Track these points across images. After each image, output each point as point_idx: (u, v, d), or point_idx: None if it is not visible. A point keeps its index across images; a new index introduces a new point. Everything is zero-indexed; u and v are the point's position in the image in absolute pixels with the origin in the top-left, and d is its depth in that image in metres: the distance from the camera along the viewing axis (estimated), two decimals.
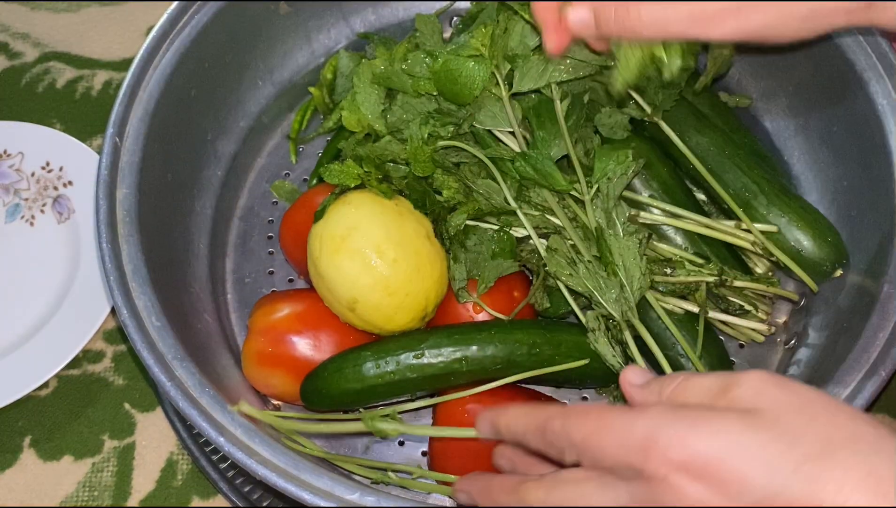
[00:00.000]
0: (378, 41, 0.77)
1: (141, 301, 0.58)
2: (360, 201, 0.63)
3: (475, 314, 0.66)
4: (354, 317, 0.63)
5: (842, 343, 0.60)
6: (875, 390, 0.54)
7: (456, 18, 0.80)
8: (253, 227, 0.77)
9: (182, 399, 0.54)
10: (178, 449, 0.72)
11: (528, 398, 0.63)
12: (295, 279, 0.74)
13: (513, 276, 0.66)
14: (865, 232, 0.65)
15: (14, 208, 0.84)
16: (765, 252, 0.65)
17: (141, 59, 0.67)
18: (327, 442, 0.66)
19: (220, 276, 0.74)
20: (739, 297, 0.65)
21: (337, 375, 0.61)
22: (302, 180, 0.79)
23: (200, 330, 0.66)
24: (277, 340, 0.64)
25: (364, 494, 0.51)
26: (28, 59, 0.94)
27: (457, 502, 0.51)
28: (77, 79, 0.92)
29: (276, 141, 0.81)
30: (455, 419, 0.61)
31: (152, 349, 0.56)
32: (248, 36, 0.75)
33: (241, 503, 0.67)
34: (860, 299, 0.61)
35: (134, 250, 0.59)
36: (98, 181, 0.61)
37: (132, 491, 0.71)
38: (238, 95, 0.76)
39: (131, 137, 0.64)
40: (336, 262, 0.61)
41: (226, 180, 0.76)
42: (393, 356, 0.61)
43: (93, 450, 0.72)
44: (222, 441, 0.52)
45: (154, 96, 0.66)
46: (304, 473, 0.52)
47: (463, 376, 0.61)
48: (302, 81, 0.80)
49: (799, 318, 0.69)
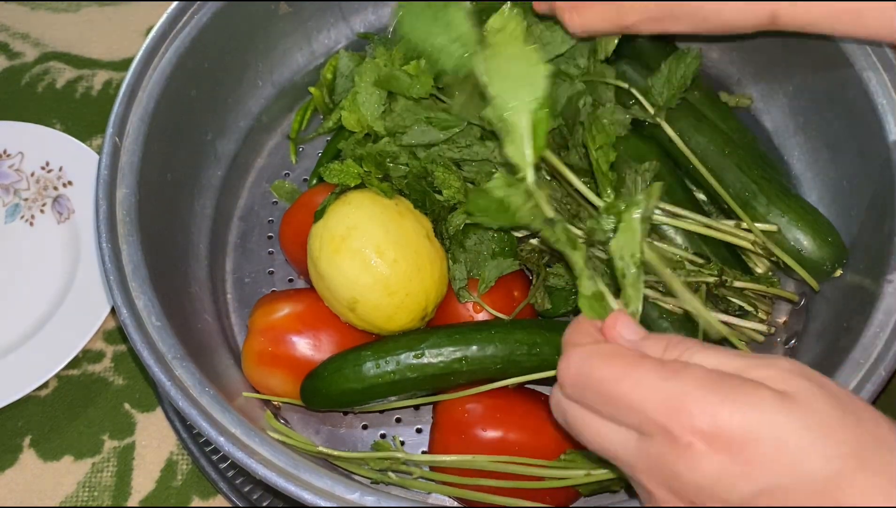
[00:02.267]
0: (378, 41, 0.77)
1: (141, 301, 0.58)
2: (360, 201, 0.63)
3: (475, 314, 0.66)
4: (354, 317, 0.63)
5: (842, 343, 0.60)
6: (875, 390, 0.54)
7: None
8: (253, 227, 0.77)
9: (182, 399, 0.54)
10: (178, 449, 0.72)
11: (527, 398, 0.63)
12: (295, 279, 0.74)
13: (513, 276, 0.66)
14: (865, 232, 0.65)
15: (14, 208, 0.84)
16: (765, 252, 0.65)
17: (141, 59, 0.67)
18: (327, 442, 0.66)
19: (220, 276, 0.74)
20: (739, 297, 0.65)
21: (337, 375, 0.61)
22: (302, 180, 0.79)
23: (200, 330, 0.66)
24: (277, 340, 0.64)
25: (364, 494, 0.51)
26: (28, 59, 0.94)
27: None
28: (77, 79, 0.92)
29: (276, 141, 0.81)
30: (455, 418, 0.61)
31: (152, 349, 0.56)
32: (248, 36, 0.75)
33: (241, 503, 0.67)
34: (860, 298, 0.61)
35: (134, 250, 0.59)
36: (98, 181, 0.61)
37: (132, 491, 0.71)
38: (238, 95, 0.76)
39: (131, 137, 0.64)
40: (336, 262, 0.61)
41: (226, 180, 0.76)
42: (393, 356, 0.61)
43: (93, 450, 0.72)
44: (222, 441, 0.52)
45: (154, 96, 0.66)
46: (304, 473, 0.52)
47: (463, 375, 0.61)
48: (302, 81, 0.80)
49: (799, 318, 0.69)
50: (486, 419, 0.61)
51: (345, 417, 0.68)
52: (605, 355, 0.40)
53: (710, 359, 0.39)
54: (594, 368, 0.39)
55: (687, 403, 0.36)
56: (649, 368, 0.38)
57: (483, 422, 0.61)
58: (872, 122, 0.63)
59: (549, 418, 0.61)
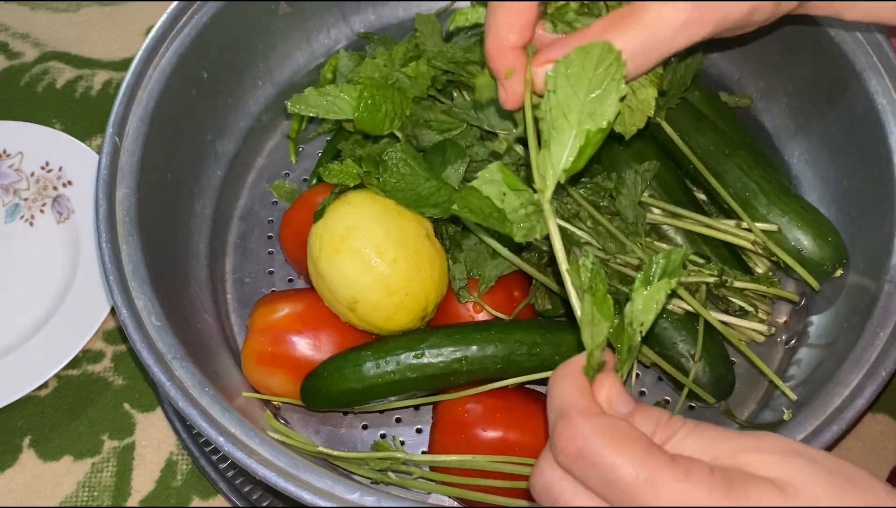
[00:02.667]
0: (378, 41, 0.77)
1: (140, 301, 0.58)
2: (359, 201, 0.63)
3: (475, 314, 0.66)
4: (354, 317, 0.63)
5: (842, 343, 0.60)
6: (875, 390, 0.54)
7: None
8: (253, 227, 0.77)
9: (182, 399, 0.54)
10: (177, 449, 0.72)
11: (527, 398, 0.63)
12: (295, 279, 0.74)
13: (513, 276, 0.66)
14: (865, 232, 0.65)
15: (14, 208, 0.84)
16: (765, 252, 0.65)
17: (141, 59, 0.67)
18: (327, 442, 0.66)
19: (220, 276, 0.74)
20: (739, 297, 0.65)
21: (337, 375, 0.61)
22: (302, 180, 0.79)
23: (200, 330, 0.66)
24: (277, 340, 0.64)
25: (364, 494, 0.51)
26: (28, 59, 0.94)
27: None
28: (77, 79, 0.92)
29: (276, 141, 0.81)
30: (455, 418, 0.61)
31: (152, 349, 0.56)
32: (248, 36, 0.75)
33: (241, 503, 0.67)
34: (860, 298, 0.61)
35: (133, 250, 0.59)
36: (98, 181, 0.61)
37: (132, 491, 0.71)
38: (238, 95, 0.76)
39: (131, 137, 0.64)
40: (336, 261, 0.61)
41: (226, 180, 0.76)
42: (393, 356, 0.61)
43: (92, 450, 0.72)
44: (222, 441, 0.52)
45: (154, 96, 0.66)
46: (304, 473, 0.52)
47: (463, 375, 0.61)
48: (302, 81, 0.80)
49: (799, 318, 0.69)
50: (486, 419, 0.61)
51: (345, 417, 0.68)
52: (618, 436, 0.37)
53: (702, 440, 0.38)
54: (606, 450, 0.37)
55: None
56: (662, 465, 0.36)
57: (483, 422, 0.61)
58: (873, 121, 0.63)
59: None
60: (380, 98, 0.62)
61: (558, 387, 0.41)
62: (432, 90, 0.67)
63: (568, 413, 0.39)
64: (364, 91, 0.62)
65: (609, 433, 0.37)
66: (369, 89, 0.62)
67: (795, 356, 0.67)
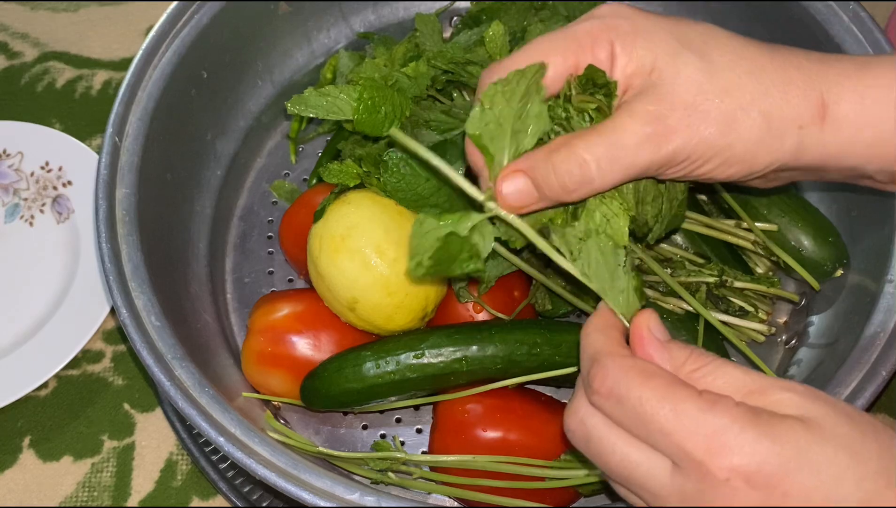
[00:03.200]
0: (378, 41, 0.77)
1: (140, 301, 0.58)
2: (359, 201, 0.63)
3: (475, 314, 0.66)
4: (354, 317, 0.63)
5: (842, 343, 0.60)
6: (875, 390, 0.54)
7: (456, 18, 0.80)
8: (253, 227, 0.77)
9: (182, 399, 0.54)
10: (177, 449, 0.72)
11: (527, 398, 0.63)
12: (295, 279, 0.74)
13: (513, 276, 0.66)
14: (865, 232, 0.65)
15: (13, 207, 0.84)
16: (765, 252, 0.65)
17: (141, 59, 0.67)
18: (327, 442, 0.66)
19: (220, 276, 0.74)
20: (740, 297, 0.65)
21: (337, 375, 0.61)
22: (302, 180, 0.79)
23: (200, 330, 0.66)
24: (277, 340, 0.64)
25: (364, 494, 0.51)
26: (27, 58, 0.94)
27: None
28: (76, 79, 0.92)
29: (276, 141, 0.81)
30: (455, 418, 0.61)
31: (152, 349, 0.56)
32: (248, 36, 0.75)
33: (241, 503, 0.67)
34: (860, 298, 0.61)
35: (133, 250, 0.59)
36: (97, 181, 0.61)
37: (132, 492, 0.71)
38: (238, 95, 0.76)
39: (131, 137, 0.64)
40: (336, 261, 0.61)
41: (226, 180, 0.76)
42: (393, 356, 0.61)
43: (92, 450, 0.72)
44: (222, 441, 0.52)
45: (154, 96, 0.66)
46: (304, 473, 0.52)
47: (463, 375, 0.61)
48: (302, 81, 0.80)
49: (799, 318, 0.69)
50: (486, 420, 0.61)
51: (345, 417, 0.68)
52: (644, 373, 0.40)
53: (729, 378, 0.41)
54: (633, 384, 0.40)
55: (725, 439, 0.37)
56: (687, 396, 0.39)
57: (483, 422, 0.61)
58: None
59: (549, 418, 0.61)
60: (379, 99, 0.62)
61: (590, 338, 0.45)
62: (432, 90, 0.67)
63: (600, 358, 0.42)
64: (363, 93, 0.62)
65: (636, 371, 0.40)
66: (369, 91, 0.62)
67: (795, 356, 0.67)
